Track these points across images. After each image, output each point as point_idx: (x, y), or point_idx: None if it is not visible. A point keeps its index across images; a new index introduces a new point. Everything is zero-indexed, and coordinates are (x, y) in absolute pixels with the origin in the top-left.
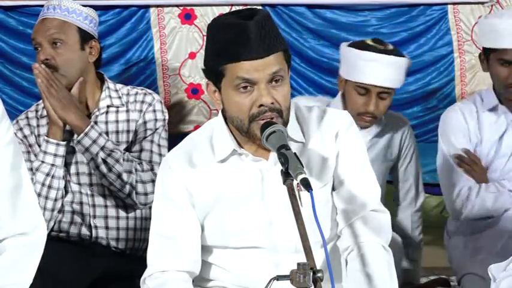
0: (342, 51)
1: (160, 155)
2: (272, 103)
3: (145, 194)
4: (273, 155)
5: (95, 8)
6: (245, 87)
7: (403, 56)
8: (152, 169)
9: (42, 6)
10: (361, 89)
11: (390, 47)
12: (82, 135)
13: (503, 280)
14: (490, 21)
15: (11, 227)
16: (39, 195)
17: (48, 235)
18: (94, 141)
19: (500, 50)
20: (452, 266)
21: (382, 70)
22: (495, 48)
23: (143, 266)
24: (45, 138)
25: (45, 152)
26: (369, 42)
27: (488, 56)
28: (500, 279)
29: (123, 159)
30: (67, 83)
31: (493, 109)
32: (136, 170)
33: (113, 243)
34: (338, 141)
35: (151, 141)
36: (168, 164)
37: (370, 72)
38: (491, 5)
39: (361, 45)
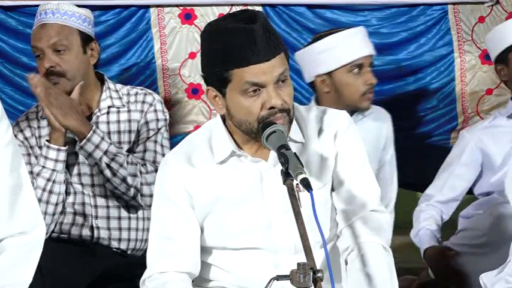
0: None
1: (163, 155)
2: (282, 104)
3: (151, 196)
4: (273, 156)
5: (95, 8)
6: (254, 91)
7: None
8: (157, 170)
9: None
10: None
11: None
12: (84, 140)
13: (496, 284)
14: (500, 26)
15: (10, 227)
16: (39, 200)
17: (49, 236)
18: (97, 146)
19: None
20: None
21: None
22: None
23: (143, 266)
24: (46, 143)
25: (46, 158)
26: None
27: (506, 58)
28: (492, 284)
29: (127, 163)
30: (72, 87)
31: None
32: (141, 172)
33: (114, 243)
34: (337, 141)
35: (155, 142)
36: (168, 165)
37: None
38: (491, 5)
39: None
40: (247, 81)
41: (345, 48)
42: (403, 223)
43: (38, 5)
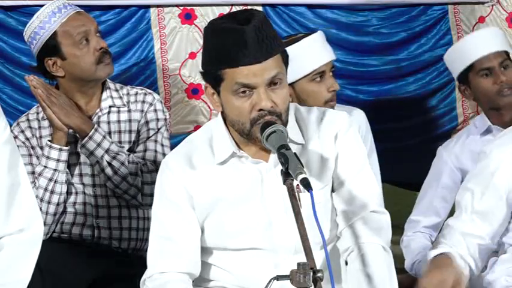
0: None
1: (164, 154)
2: (272, 107)
3: (152, 195)
4: (273, 157)
5: (95, 8)
6: (244, 92)
7: None
8: (157, 169)
9: (42, 6)
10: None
11: None
12: (86, 138)
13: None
14: (456, 46)
15: (7, 225)
16: (41, 200)
17: (50, 236)
18: (98, 145)
19: (477, 63)
20: None
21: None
22: (471, 64)
23: (144, 266)
24: (48, 143)
25: (48, 157)
26: None
27: (467, 79)
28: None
29: (128, 162)
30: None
31: (487, 132)
32: (142, 171)
33: (115, 243)
34: (337, 142)
35: (155, 141)
36: (168, 166)
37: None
38: (492, 5)
39: None
40: (237, 82)
41: (306, 57)
42: (403, 223)
43: (38, 5)
